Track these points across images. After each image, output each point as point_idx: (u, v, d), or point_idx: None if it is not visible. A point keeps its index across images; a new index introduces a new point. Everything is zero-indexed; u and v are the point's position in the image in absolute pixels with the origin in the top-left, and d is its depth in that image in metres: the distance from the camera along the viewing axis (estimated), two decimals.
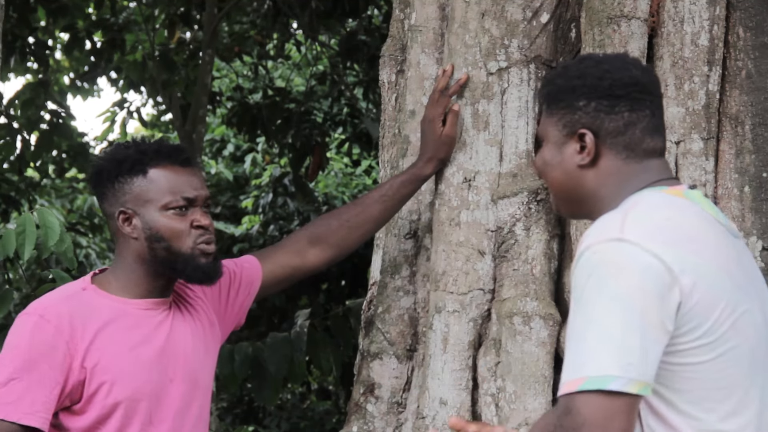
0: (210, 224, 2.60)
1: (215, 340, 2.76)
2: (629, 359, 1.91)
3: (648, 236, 1.98)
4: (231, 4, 8.41)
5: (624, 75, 2.16)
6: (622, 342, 1.92)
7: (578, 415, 1.91)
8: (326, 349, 4.82)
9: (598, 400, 1.90)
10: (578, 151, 2.15)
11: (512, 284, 2.98)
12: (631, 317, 1.92)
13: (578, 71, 2.17)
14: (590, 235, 2.03)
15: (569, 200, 2.22)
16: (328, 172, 11.29)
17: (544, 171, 2.24)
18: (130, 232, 2.58)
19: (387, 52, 3.45)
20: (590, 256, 1.99)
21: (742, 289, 2.06)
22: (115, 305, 2.57)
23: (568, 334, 2.01)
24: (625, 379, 1.90)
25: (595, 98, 2.14)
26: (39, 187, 10.68)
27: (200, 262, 2.57)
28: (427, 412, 3.00)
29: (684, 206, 2.10)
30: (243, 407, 11.23)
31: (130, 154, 2.60)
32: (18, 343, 2.47)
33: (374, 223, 3.06)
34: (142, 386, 2.53)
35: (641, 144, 2.15)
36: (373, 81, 8.20)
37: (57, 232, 3.69)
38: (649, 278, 1.94)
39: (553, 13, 3.10)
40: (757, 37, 2.97)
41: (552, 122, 2.19)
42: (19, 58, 8.85)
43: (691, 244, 2.02)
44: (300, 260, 2.96)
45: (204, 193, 2.61)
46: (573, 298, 2.01)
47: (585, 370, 1.92)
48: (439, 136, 3.03)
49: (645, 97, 2.16)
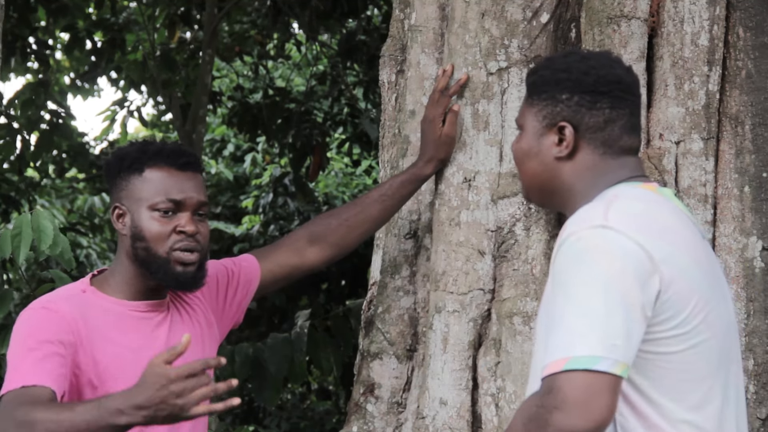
0: (195, 231, 2.56)
1: (213, 340, 2.76)
2: (614, 341, 1.93)
3: (631, 225, 2.02)
4: (231, 4, 8.41)
5: (609, 72, 2.19)
6: (607, 323, 1.93)
7: (560, 393, 1.91)
8: (327, 349, 4.83)
9: (582, 379, 1.90)
10: (556, 143, 2.19)
11: (512, 284, 2.98)
12: (614, 299, 1.94)
13: (564, 64, 2.20)
14: (573, 223, 2.06)
15: (541, 190, 2.25)
16: (329, 172, 11.29)
17: (520, 159, 2.27)
18: (121, 228, 2.60)
19: (387, 52, 3.45)
20: (574, 242, 2.01)
21: (711, 287, 2.11)
22: (114, 308, 2.57)
23: (548, 318, 2.02)
24: (611, 360, 1.91)
25: (578, 92, 2.17)
26: (39, 187, 10.68)
27: (174, 269, 2.55)
28: (427, 412, 3.00)
29: (659, 201, 2.15)
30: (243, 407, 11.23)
31: (131, 152, 2.62)
32: (27, 330, 2.46)
33: (374, 222, 3.06)
34: None
35: (618, 141, 2.18)
36: (373, 81, 8.20)
37: (50, 236, 3.69)
38: (632, 263, 1.97)
39: (553, 13, 3.10)
40: (757, 37, 2.96)
41: (533, 112, 2.22)
42: (20, 58, 8.86)
43: (669, 236, 2.06)
44: (299, 259, 2.95)
45: (196, 197, 2.58)
46: (553, 283, 2.03)
47: (570, 350, 1.93)
48: (439, 136, 3.03)
49: (626, 96, 2.20)
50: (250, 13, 9.59)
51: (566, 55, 2.26)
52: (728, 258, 2.89)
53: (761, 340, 2.86)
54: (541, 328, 2.13)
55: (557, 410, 1.90)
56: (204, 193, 2.62)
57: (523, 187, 2.33)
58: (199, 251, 2.58)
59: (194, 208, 2.58)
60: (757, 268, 2.89)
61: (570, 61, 2.21)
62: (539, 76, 2.23)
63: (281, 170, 10.29)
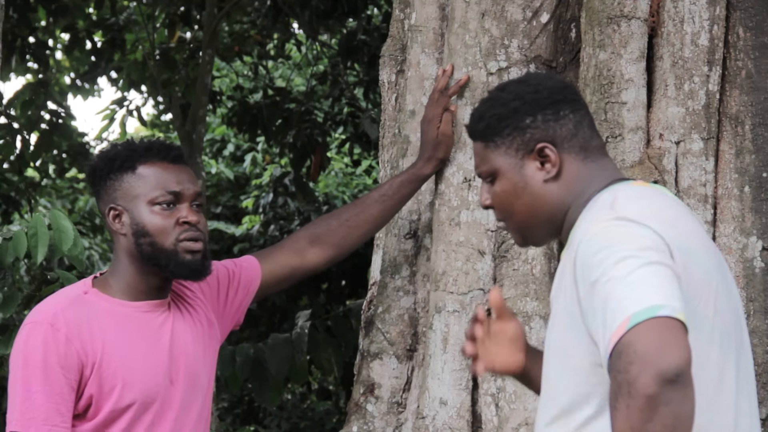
0: (197, 221, 2.58)
1: (214, 340, 2.76)
2: (667, 294, 1.83)
3: (644, 214, 1.97)
4: (231, 4, 8.41)
5: (552, 82, 2.18)
6: (656, 282, 1.84)
7: (630, 349, 1.77)
8: (328, 349, 4.83)
9: (649, 327, 1.78)
10: (539, 167, 2.14)
11: (512, 284, 2.98)
12: (654, 268, 1.86)
13: (511, 95, 2.16)
14: (581, 227, 2.02)
15: (539, 223, 2.17)
16: (329, 172, 11.28)
17: (508, 203, 2.17)
18: (119, 229, 2.60)
19: (387, 52, 3.45)
20: (591, 238, 1.95)
21: (721, 275, 2.06)
22: (117, 309, 2.57)
23: (591, 309, 1.91)
24: (671, 307, 1.81)
25: (539, 111, 2.13)
26: (39, 187, 10.68)
27: (184, 258, 2.56)
28: (427, 412, 3.01)
29: (660, 193, 2.12)
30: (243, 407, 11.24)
31: (120, 151, 2.62)
32: (33, 355, 2.47)
33: (374, 223, 3.05)
34: (149, 390, 2.54)
35: (591, 142, 2.16)
36: (373, 81, 8.20)
37: (71, 236, 3.70)
38: (656, 244, 1.91)
39: (553, 13, 3.10)
40: (757, 37, 2.97)
41: (500, 152, 2.15)
42: (19, 58, 8.86)
43: (680, 225, 2.02)
44: (300, 260, 2.96)
45: (192, 188, 2.60)
46: (579, 285, 1.95)
47: (627, 310, 1.81)
48: (438, 136, 3.03)
49: (576, 97, 2.19)
50: (250, 13, 9.59)
51: (502, 89, 2.20)
52: (728, 258, 2.89)
53: (761, 340, 2.86)
54: (551, 356, 2.06)
55: (633, 365, 1.77)
56: (197, 183, 2.64)
57: (522, 235, 2.22)
58: (203, 240, 2.61)
59: (191, 199, 2.60)
60: (757, 268, 2.89)
61: (512, 90, 2.17)
62: (489, 117, 2.16)
63: (281, 170, 10.29)
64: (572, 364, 2.01)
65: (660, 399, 1.76)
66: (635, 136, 2.92)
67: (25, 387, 2.46)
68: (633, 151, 2.91)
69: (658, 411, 1.76)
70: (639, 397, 1.76)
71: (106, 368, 2.50)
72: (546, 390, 2.10)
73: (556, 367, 2.06)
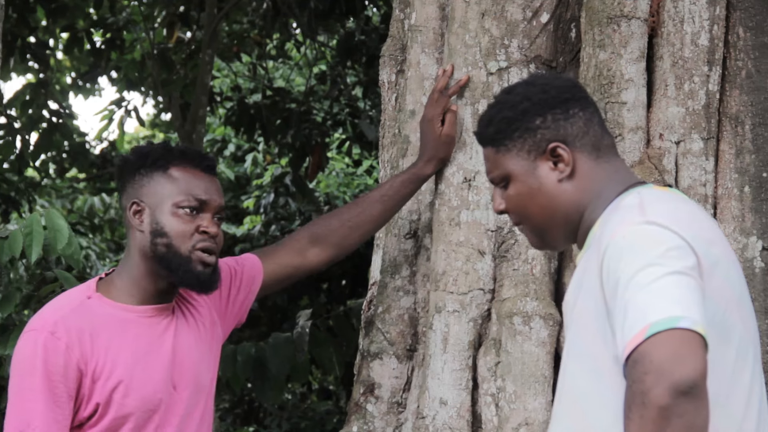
0: (216, 233, 2.59)
1: (217, 340, 2.76)
2: (688, 305, 1.83)
3: (672, 220, 1.95)
4: (231, 4, 8.41)
5: (559, 81, 2.17)
6: (678, 293, 1.84)
7: (647, 358, 1.78)
8: (329, 348, 4.83)
9: (666, 338, 1.78)
10: (552, 167, 2.12)
11: (512, 284, 2.98)
12: (678, 278, 1.86)
13: (520, 97, 2.15)
14: (609, 229, 1.99)
15: (556, 224, 2.15)
16: (330, 172, 11.28)
17: (523, 206, 2.16)
18: (138, 224, 2.59)
19: (387, 52, 3.45)
20: (620, 239, 1.94)
21: (741, 280, 2.06)
22: (120, 314, 2.56)
23: (615, 311, 1.90)
24: (691, 319, 1.81)
25: (548, 110, 2.12)
26: (39, 187, 10.68)
27: (196, 268, 2.56)
28: (427, 412, 3.01)
29: (682, 199, 2.11)
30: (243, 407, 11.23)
31: (156, 149, 2.62)
32: (33, 363, 2.47)
33: (374, 222, 3.06)
34: (152, 396, 2.54)
35: (602, 140, 2.15)
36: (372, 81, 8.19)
37: (66, 236, 3.70)
38: (683, 251, 1.91)
39: (553, 13, 3.10)
40: (757, 37, 2.97)
41: (512, 155, 2.14)
42: (19, 58, 8.85)
43: (705, 232, 2.00)
44: (300, 259, 2.96)
45: (218, 201, 2.60)
46: (604, 285, 1.94)
47: (647, 319, 1.81)
48: (438, 136, 3.03)
49: (585, 95, 2.18)
50: (250, 13, 9.59)
51: (509, 93, 2.19)
52: None
53: (761, 340, 2.86)
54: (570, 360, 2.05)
55: (648, 375, 1.78)
56: (223, 198, 2.65)
57: (539, 237, 2.20)
58: (216, 254, 2.61)
59: (215, 211, 2.60)
60: (757, 268, 2.89)
61: (520, 92, 2.16)
62: (498, 122, 2.15)
63: (282, 170, 10.28)
64: (598, 366, 1.99)
65: (673, 410, 1.77)
66: (635, 136, 2.92)
67: (23, 394, 2.46)
68: (633, 151, 2.92)
69: (671, 422, 1.77)
70: (652, 407, 1.78)
71: (107, 376, 2.50)
72: (570, 401, 2.06)
73: (583, 375, 2.02)
